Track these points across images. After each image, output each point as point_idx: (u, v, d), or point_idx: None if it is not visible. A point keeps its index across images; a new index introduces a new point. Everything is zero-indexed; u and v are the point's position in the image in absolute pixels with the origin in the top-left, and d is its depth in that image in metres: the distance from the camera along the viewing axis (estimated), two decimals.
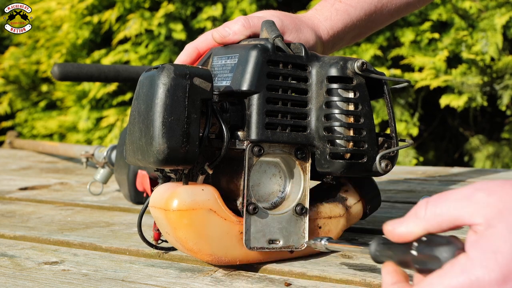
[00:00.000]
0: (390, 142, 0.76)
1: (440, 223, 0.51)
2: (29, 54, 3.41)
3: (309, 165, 0.74)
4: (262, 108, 0.71)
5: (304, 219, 0.74)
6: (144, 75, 0.69)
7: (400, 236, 0.54)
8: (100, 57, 2.93)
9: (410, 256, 0.53)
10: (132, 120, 0.70)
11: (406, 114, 2.43)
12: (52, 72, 1.37)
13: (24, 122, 3.48)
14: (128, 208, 1.12)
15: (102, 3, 2.96)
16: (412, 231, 0.53)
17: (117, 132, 2.85)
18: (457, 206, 0.51)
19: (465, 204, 0.50)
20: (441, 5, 2.41)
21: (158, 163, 0.66)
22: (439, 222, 0.51)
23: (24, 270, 0.75)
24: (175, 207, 0.68)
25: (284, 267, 0.72)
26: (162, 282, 0.69)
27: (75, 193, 1.31)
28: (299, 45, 0.75)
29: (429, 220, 0.52)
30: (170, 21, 2.76)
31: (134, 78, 1.43)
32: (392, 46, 2.50)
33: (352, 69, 0.73)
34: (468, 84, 2.27)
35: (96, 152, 1.30)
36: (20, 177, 1.58)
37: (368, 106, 0.74)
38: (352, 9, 0.88)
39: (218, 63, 0.77)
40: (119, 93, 2.94)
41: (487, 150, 2.43)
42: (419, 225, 0.52)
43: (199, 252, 0.70)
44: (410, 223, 0.53)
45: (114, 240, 0.88)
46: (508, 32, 2.30)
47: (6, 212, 1.11)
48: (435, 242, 0.51)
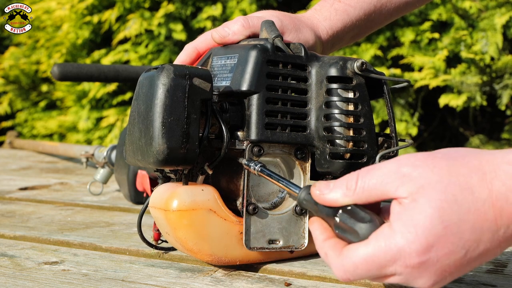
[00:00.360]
0: (390, 142, 0.76)
1: (368, 197, 0.54)
2: (29, 54, 3.41)
3: (309, 165, 0.74)
4: (261, 108, 0.71)
5: (304, 219, 0.74)
6: (143, 75, 0.69)
7: (326, 202, 0.56)
8: (100, 57, 2.93)
9: (332, 221, 0.56)
10: (132, 121, 0.70)
11: (406, 114, 2.43)
12: (52, 72, 1.37)
13: (24, 122, 3.48)
14: (128, 208, 1.12)
15: (102, 3, 2.96)
16: (339, 200, 0.56)
17: (117, 132, 2.85)
18: (384, 181, 0.53)
19: (391, 179, 0.53)
20: (441, 5, 2.41)
21: (158, 164, 0.66)
22: (367, 196, 0.54)
23: (24, 270, 0.75)
24: (175, 207, 0.68)
25: (284, 267, 0.72)
26: (162, 282, 0.69)
27: (75, 193, 1.31)
28: (298, 45, 0.75)
29: (358, 193, 0.55)
30: (170, 21, 2.76)
31: (134, 78, 1.43)
32: (392, 46, 2.50)
33: (352, 69, 0.73)
34: (468, 83, 2.27)
35: (96, 152, 1.30)
36: (20, 177, 1.58)
37: (367, 106, 0.74)
38: (351, 9, 0.88)
39: (218, 63, 0.77)
40: (119, 93, 2.94)
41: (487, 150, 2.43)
42: (347, 196, 0.55)
43: (199, 252, 0.70)
44: (339, 192, 0.55)
45: (114, 240, 0.88)
46: (508, 32, 2.30)
47: (6, 212, 1.11)
48: (358, 216, 0.54)
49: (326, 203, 0.56)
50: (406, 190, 0.52)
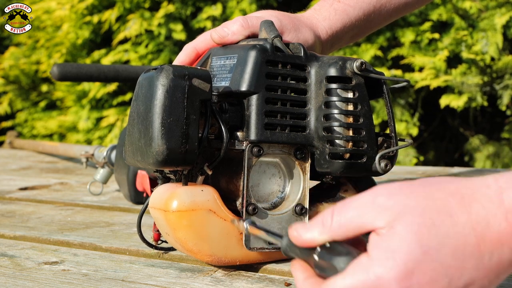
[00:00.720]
0: (389, 142, 0.76)
1: (345, 232, 0.52)
2: (29, 54, 3.41)
3: (308, 165, 0.74)
4: (261, 109, 0.71)
5: (304, 219, 0.74)
6: (143, 76, 0.69)
7: (305, 243, 0.54)
8: (100, 57, 2.93)
9: (312, 260, 0.54)
10: (131, 121, 0.70)
11: (406, 114, 2.43)
12: (51, 72, 1.37)
13: (24, 122, 3.48)
14: (128, 208, 1.12)
15: (102, 3, 2.96)
16: (316, 239, 0.53)
17: (117, 132, 2.85)
18: (360, 214, 0.51)
19: (367, 211, 0.51)
20: (441, 5, 2.41)
21: (157, 164, 0.66)
22: (344, 231, 0.52)
23: (24, 270, 0.75)
24: (175, 208, 0.68)
25: (284, 267, 0.72)
26: (162, 282, 0.69)
27: (75, 193, 1.31)
28: (298, 45, 0.75)
29: (334, 229, 0.52)
30: (170, 21, 2.76)
31: (133, 78, 1.43)
32: (392, 46, 2.50)
33: (351, 69, 0.73)
34: (468, 84, 2.27)
35: (96, 152, 1.30)
36: (20, 177, 1.58)
37: (367, 106, 0.74)
38: (350, 9, 0.88)
39: (217, 63, 0.77)
40: (119, 93, 2.94)
41: (487, 150, 2.43)
42: (324, 233, 0.53)
43: (199, 252, 0.70)
44: (315, 231, 0.53)
45: (114, 240, 0.88)
46: (508, 32, 2.30)
47: (6, 212, 1.11)
48: (335, 251, 0.53)
49: (304, 243, 0.54)
50: (383, 219, 0.50)
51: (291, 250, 0.57)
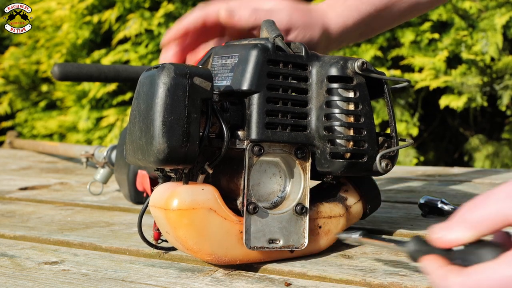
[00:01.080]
0: (390, 142, 0.76)
1: (490, 225, 0.50)
2: (29, 54, 3.41)
3: (309, 164, 0.74)
4: (262, 108, 0.70)
5: (304, 219, 0.74)
6: (144, 74, 0.69)
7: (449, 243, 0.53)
8: (100, 57, 2.93)
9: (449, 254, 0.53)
10: (132, 120, 0.70)
11: (406, 114, 2.43)
12: (52, 72, 1.36)
13: (24, 122, 3.48)
14: (128, 208, 1.12)
15: (102, 3, 2.96)
16: (461, 238, 0.52)
17: (117, 132, 2.85)
18: (505, 206, 0.49)
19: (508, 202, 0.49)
20: (441, 5, 2.41)
21: (158, 163, 0.66)
22: (489, 224, 0.50)
23: (24, 270, 0.75)
24: (175, 206, 0.68)
25: (284, 267, 0.72)
26: (162, 282, 0.69)
27: (75, 193, 1.31)
28: (299, 45, 0.75)
29: (478, 225, 0.51)
30: (170, 21, 2.76)
31: (134, 78, 1.43)
32: (392, 46, 2.50)
33: (352, 68, 0.73)
34: (468, 84, 2.27)
35: (96, 152, 1.30)
36: (20, 177, 1.58)
37: (368, 105, 0.74)
38: (363, 5, 0.88)
39: (218, 62, 0.77)
40: (119, 93, 2.94)
41: (487, 150, 2.43)
42: (469, 231, 0.51)
43: (199, 251, 0.70)
44: (458, 230, 0.52)
45: (114, 240, 0.88)
46: (508, 32, 2.30)
47: (6, 212, 1.11)
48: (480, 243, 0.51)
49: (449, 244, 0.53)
50: None
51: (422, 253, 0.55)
